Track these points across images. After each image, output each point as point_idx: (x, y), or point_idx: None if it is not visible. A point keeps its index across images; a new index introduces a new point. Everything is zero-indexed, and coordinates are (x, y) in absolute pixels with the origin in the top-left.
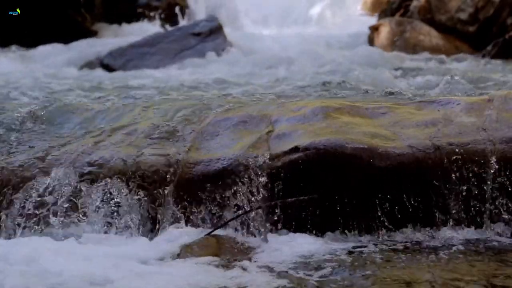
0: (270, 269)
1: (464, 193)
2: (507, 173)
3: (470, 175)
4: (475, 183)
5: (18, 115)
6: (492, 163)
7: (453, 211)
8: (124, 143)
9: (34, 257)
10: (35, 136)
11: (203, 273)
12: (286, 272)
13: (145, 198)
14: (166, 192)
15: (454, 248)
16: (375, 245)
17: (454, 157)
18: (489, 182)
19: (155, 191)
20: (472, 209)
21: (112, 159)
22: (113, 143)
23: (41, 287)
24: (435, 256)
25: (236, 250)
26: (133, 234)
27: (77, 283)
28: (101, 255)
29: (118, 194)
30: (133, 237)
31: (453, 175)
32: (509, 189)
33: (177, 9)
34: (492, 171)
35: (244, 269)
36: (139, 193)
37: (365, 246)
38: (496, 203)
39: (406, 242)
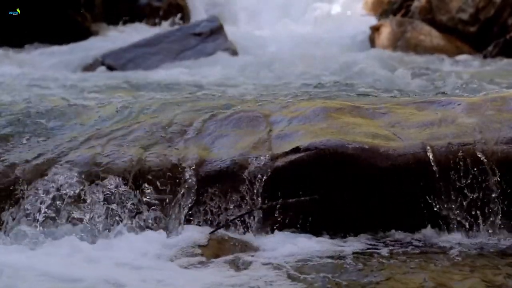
0: (272, 270)
1: (465, 194)
2: (508, 174)
3: (471, 176)
4: (476, 184)
5: (19, 116)
6: (493, 164)
7: (454, 212)
8: (125, 144)
9: (48, 263)
10: (37, 137)
11: (204, 274)
12: (288, 272)
13: (147, 200)
14: (166, 193)
15: (454, 249)
16: (377, 246)
17: (455, 158)
18: (490, 183)
19: (156, 193)
20: (473, 210)
21: (114, 160)
22: (115, 143)
23: None
24: (437, 258)
25: (237, 250)
26: (136, 236)
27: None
28: (110, 259)
29: (122, 194)
30: (136, 239)
31: (453, 176)
32: (510, 190)
33: (177, 10)
34: (492, 172)
35: (245, 269)
36: (141, 194)
37: (366, 247)
38: (498, 204)
39: (407, 242)
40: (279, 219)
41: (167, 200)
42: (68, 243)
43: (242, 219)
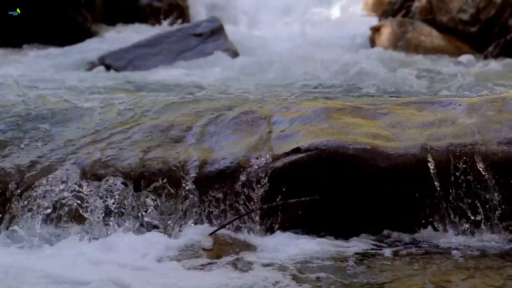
0: (274, 271)
1: (465, 195)
2: (508, 174)
3: (472, 177)
4: (477, 185)
5: (19, 119)
6: (493, 164)
7: (454, 213)
8: (126, 144)
9: (51, 265)
10: (37, 138)
11: (207, 276)
12: (291, 273)
13: (147, 200)
14: (166, 193)
15: (457, 250)
16: (379, 247)
17: (455, 159)
18: (490, 184)
19: (157, 193)
20: (474, 211)
21: (115, 160)
22: (115, 144)
23: None
24: (439, 259)
25: (239, 251)
26: (138, 237)
27: None
28: (112, 261)
29: (123, 195)
30: (138, 240)
31: (454, 176)
32: (510, 191)
33: (178, 10)
34: (493, 172)
35: (248, 270)
36: (141, 195)
37: (368, 248)
38: (498, 205)
39: (409, 243)
40: (280, 219)
41: (165, 201)
42: (70, 245)
43: (243, 219)
